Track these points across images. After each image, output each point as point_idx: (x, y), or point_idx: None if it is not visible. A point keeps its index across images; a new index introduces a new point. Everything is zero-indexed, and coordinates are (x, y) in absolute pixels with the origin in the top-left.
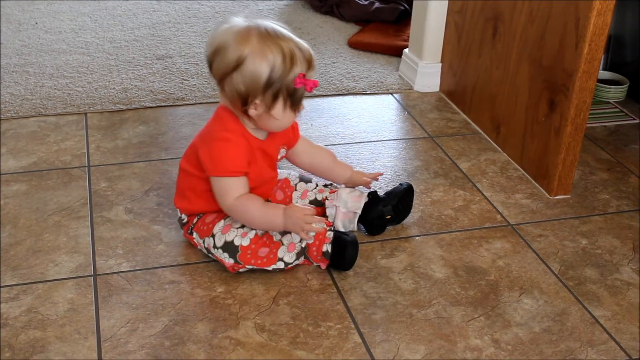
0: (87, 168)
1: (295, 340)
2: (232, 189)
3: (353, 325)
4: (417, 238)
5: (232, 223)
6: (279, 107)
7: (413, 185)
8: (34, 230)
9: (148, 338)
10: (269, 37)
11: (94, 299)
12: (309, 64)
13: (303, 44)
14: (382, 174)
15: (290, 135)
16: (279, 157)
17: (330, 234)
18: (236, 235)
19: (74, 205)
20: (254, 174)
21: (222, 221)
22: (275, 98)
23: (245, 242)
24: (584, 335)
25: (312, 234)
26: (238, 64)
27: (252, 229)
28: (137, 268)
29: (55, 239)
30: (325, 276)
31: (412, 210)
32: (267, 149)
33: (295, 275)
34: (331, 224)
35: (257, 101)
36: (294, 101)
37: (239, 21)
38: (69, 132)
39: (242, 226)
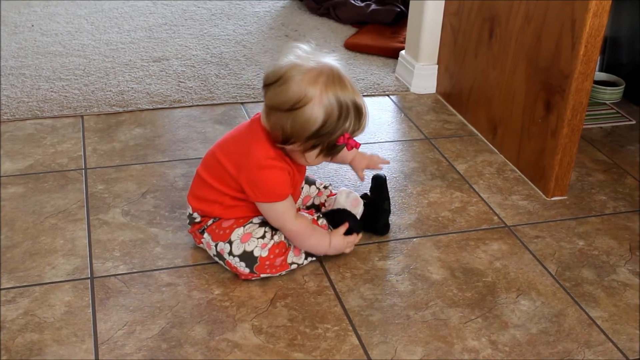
0: (83, 170)
1: (293, 342)
2: (286, 213)
3: (350, 327)
4: (414, 240)
5: (252, 232)
6: (313, 153)
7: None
8: (30, 233)
9: (145, 340)
10: (334, 84)
11: (91, 301)
12: (360, 125)
13: (362, 99)
14: (388, 162)
15: None
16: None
17: (323, 221)
18: (256, 246)
19: (71, 208)
20: (293, 192)
21: (242, 228)
22: (314, 147)
23: (265, 254)
24: (581, 337)
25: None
26: (297, 106)
27: (272, 239)
28: (134, 270)
29: (52, 241)
30: (323, 278)
31: (409, 211)
32: (300, 168)
33: (292, 278)
34: (313, 211)
35: (298, 142)
36: (330, 152)
37: (308, 57)
38: (65, 135)
39: (262, 236)
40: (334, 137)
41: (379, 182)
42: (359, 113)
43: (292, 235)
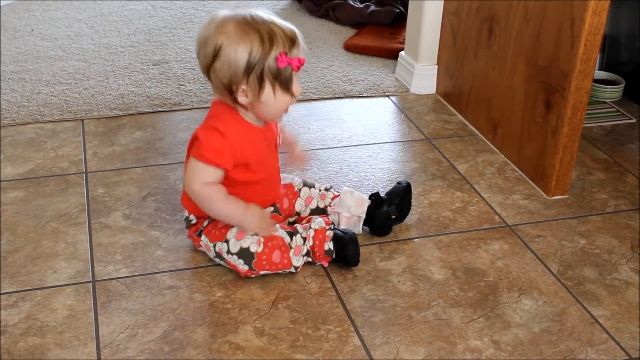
0: (84, 174)
1: (295, 343)
2: (201, 175)
3: (352, 328)
4: (416, 240)
5: (246, 229)
6: (267, 92)
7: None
8: (32, 237)
9: (147, 343)
10: (247, 23)
11: (92, 305)
12: (292, 41)
13: (285, 24)
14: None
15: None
16: (279, 140)
17: (330, 233)
18: (252, 242)
19: (72, 212)
20: (257, 163)
21: (236, 227)
22: (260, 82)
23: (260, 249)
24: (584, 335)
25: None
26: (216, 54)
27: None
28: (136, 274)
29: (54, 245)
30: (324, 279)
31: (410, 212)
32: (267, 135)
33: (294, 279)
34: (331, 222)
35: (243, 87)
36: (283, 82)
37: (221, 13)
38: (66, 139)
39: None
40: (270, 61)
41: (396, 188)
42: (284, 33)
43: (200, 198)
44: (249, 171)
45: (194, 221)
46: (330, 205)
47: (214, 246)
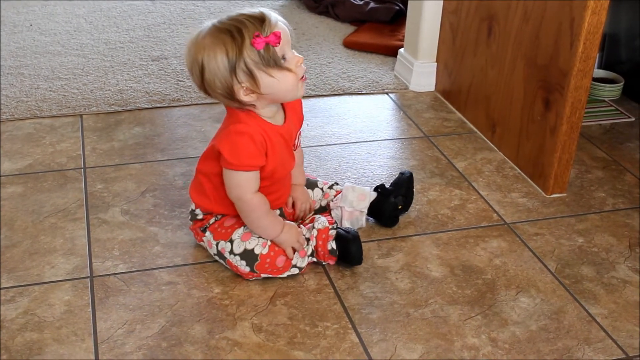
0: (82, 170)
1: (293, 340)
2: (248, 183)
3: (350, 325)
4: (414, 237)
5: (252, 231)
6: (264, 78)
7: (413, 176)
8: (30, 233)
9: (145, 339)
10: (217, 29)
11: (90, 300)
12: (261, 20)
13: (251, 9)
14: (310, 213)
15: (302, 117)
16: (296, 141)
17: (332, 232)
18: (257, 244)
19: (70, 207)
20: (275, 162)
21: (242, 228)
22: (251, 74)
23: (265, 251)
24: (581, 333)
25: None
26: (202, 70)
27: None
28: (134, 269)
29: (52, 241)
30: (322, 276)
31: (408, 209)
32: (286, 134)
33: (292, 276)
34: (334, 221)
35: (240, 86)
36: (271, 63)
37: (193, 33)
38: (64, 134)
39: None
40: (248, 50)
41: (400, 179)
42: (250, 17)
43: (248, 208)
44: (267, 172)
45: (200, 217)
46: (332, 201)
47: (217, 244)
